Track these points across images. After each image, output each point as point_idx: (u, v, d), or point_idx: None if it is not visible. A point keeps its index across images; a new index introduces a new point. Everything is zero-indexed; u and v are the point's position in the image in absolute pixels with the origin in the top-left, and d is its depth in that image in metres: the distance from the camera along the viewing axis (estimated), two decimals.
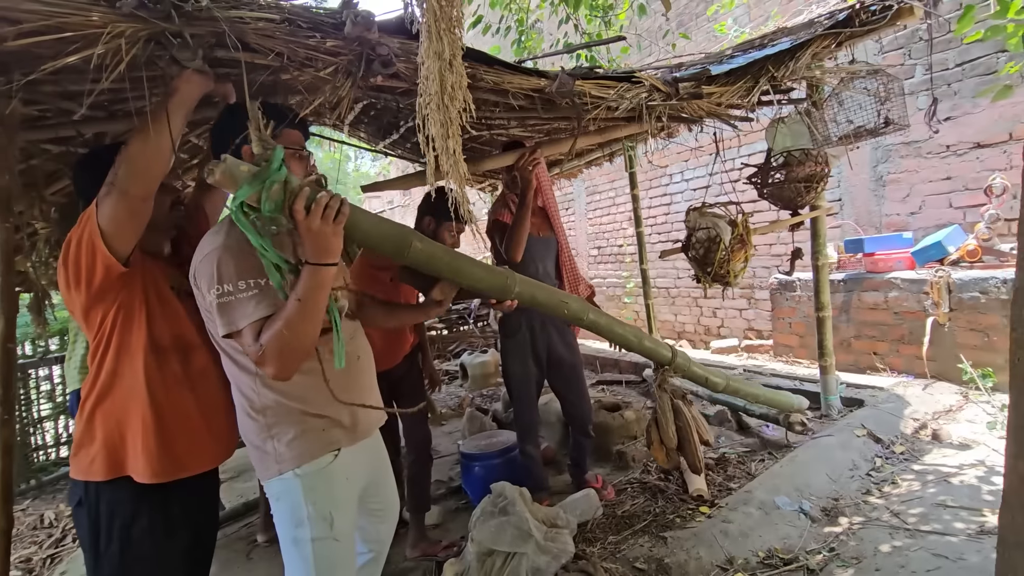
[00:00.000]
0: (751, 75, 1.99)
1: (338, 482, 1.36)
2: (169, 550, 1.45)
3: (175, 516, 1.45)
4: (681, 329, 6.14)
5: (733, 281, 2.59)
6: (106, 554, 1.38)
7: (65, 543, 3.48)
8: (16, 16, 0.99)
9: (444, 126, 1.00)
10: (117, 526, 1.38)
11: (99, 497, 1.39)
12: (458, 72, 0.96)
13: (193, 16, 1.10)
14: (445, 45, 0.94)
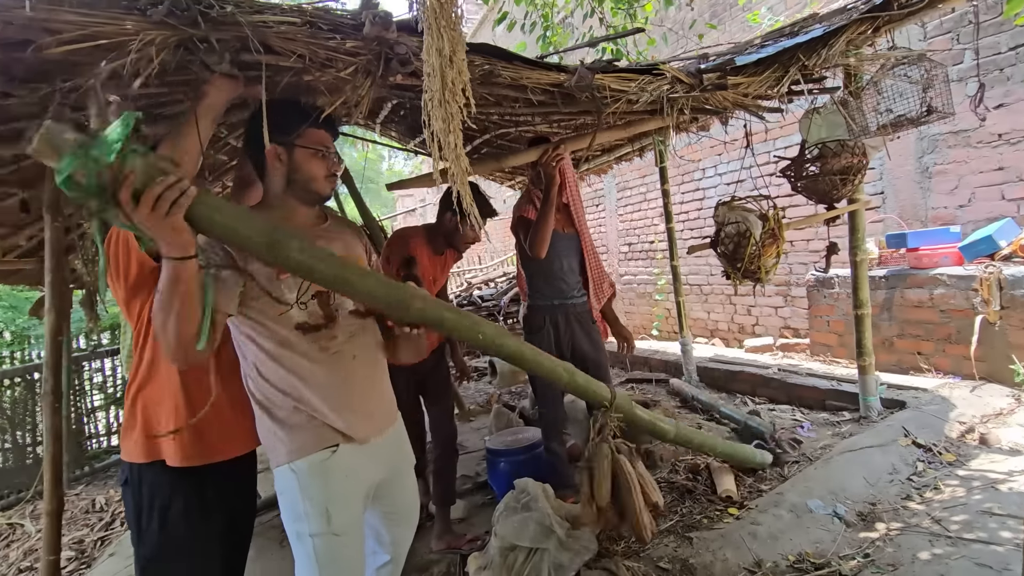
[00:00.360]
0: (781, 64, 1.93)
1: (335, 478, 1.33)
2: (204, 531, 1.52)
3: (210, 499, 1.52)
4: (714, 327, 6.01)
5: (764, 277, 2.52)
6: (147, 531, 1.47)
7: (114, 526, 3.67)
8: (56, 27, 1.05)
9: (446, 121, 1.01)
10: (157, 506, 1.46)
11: (141, 478, 1.48)
12: (458, 68, 0.97)
13: (218, 21, 1.14)
14: (445, 41, 0.95)
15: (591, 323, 2.69)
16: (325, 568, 1.31)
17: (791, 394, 3.76)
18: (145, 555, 1.49)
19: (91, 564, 3.20)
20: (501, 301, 7.59)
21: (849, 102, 2.52)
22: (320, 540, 1.31)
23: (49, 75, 1.24)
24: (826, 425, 3.27)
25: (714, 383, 4.43)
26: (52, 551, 1.88)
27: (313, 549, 1.31)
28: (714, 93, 1.79)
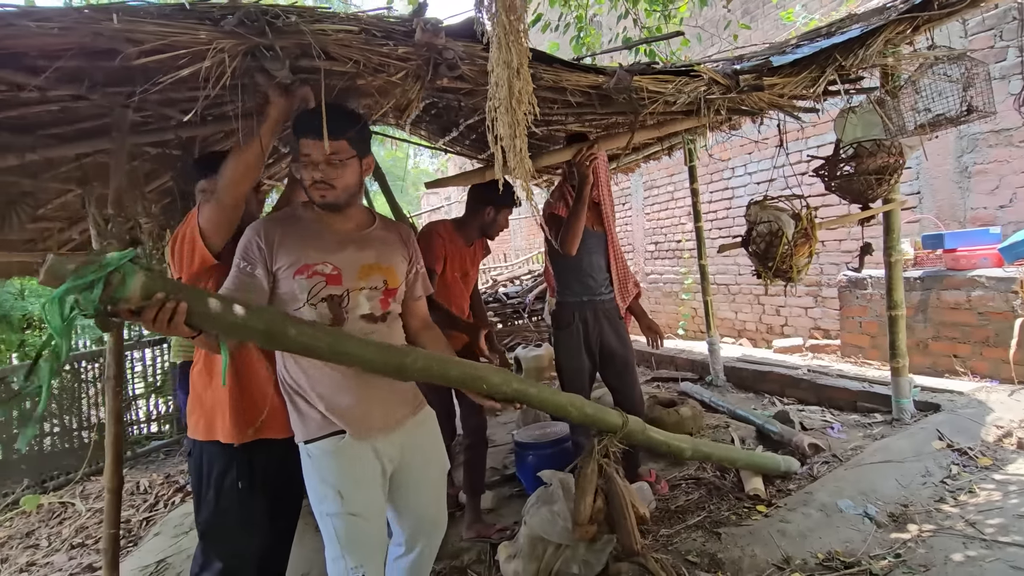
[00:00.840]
0: (817, 65, 1.93)
1: (344, 462, 1.40)
2: (252, 504, 1.66)
3: (256, 475, 1.66)
4: (741, 327, 5.96)
5: (796, 277, 2.52)
6: (205, 499, 1.65)
7: (158, 508, 3.85)
8: (139, 37, 1.14)
9: (512, 127, 1.07)
10: (213, 477, 1.63)
11: (202, 452, 1.65)
12: (524, 79, 1.03)
13: (283, 31, 1.22)
14: (513, 55, 1.01)
15: (619, 319, 2.72)
16: (347, 547, 1.39)
17: (821, 395, 3.73)
18: (204, 519, 1.65)
19: (137, 542, 3.37)
20: (526, 299, 7.64)
21: (886, 101, 2.50)
22: (339, 520, 1.38)
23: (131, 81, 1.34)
24: (857, 427, 3.24)
25: (742, 383, 4.41)
26: (113, 525, 2.01)
27: (334, 528, 1.38)
28: (750, 94, 1.81)
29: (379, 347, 1.34)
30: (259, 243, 1.38)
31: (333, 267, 1.41)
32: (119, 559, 2.06)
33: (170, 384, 5.97)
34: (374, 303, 1.47)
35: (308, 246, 1.41)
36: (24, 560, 3.36)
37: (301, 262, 1.39)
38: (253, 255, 1.38)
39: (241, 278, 1.37)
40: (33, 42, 1.08)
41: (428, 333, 1.68)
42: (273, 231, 1.41)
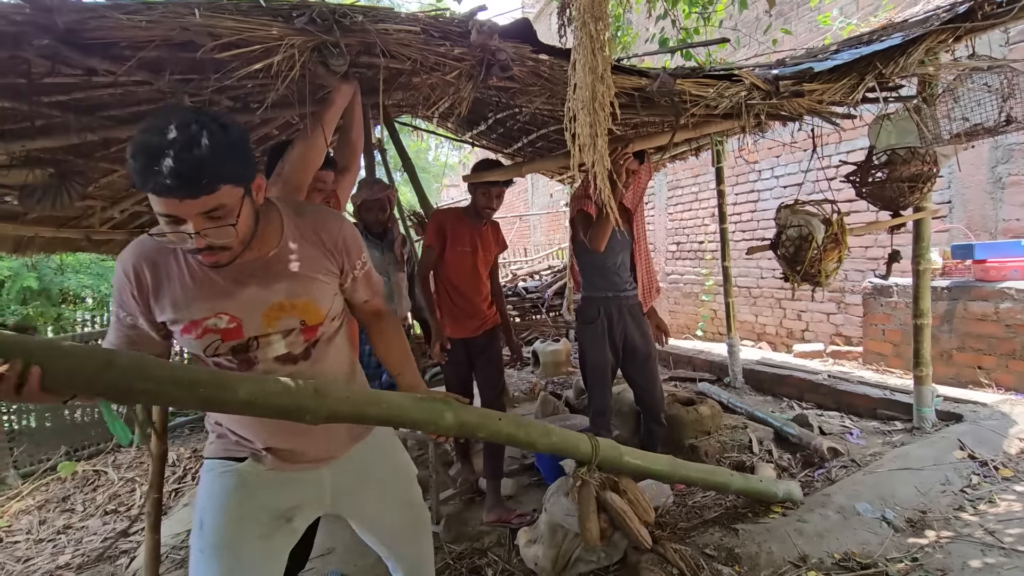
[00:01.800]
0: (857, 72, 1.95)
1: (223, 490, 1.18)
2: None
3: None
4: (761, 330, 5.95)
5: (824, 281, 2.54)
6: None
7: (186, 480, 4.00)
8: (218, 32, 1.22)
9: (593, 127, 1.13)
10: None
11: None
12: (607, 84, 1.09)
13: (349, 29, 1.29)
14: (599, 62, 1.07)
15: (642, 316, 2.77)
16: None
17: (840, 401, 3.74)
18: None
19: (167, 512, 3.50)
20: (545, 294, 7.70)
21: (923, 109, 2.50)
22: (192, 550, 1.18)
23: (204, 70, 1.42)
24: (876, 434, 3.25)
25: (760, 386, 4.43)
26: (156, 490, 2.12)
27: (191, 556, 1.19)
28: (790, 100, 1.83)
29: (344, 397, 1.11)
30: (130, 289, 1.07)
31: (229, 318, 1.09)
32: (160, 523, 2.17)
33: None
34: (292, 340, 1.16)
35: (192, 296, 1.07)
36: (61, 523, 3.53)
37: (185, 319, 1.07)
38: (128, 303, 1.07)
39: (122, 331, 1.09)
40: (123, 33, 1.16)
41: (377, 326, 1.40)
42: (142, 273, 1.06)
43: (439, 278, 2.76)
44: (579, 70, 1.07)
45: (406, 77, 1.48)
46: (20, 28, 1.07)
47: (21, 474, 4.52)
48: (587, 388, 2.87)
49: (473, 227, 2.75)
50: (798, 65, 1.94)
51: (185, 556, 2.78)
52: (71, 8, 1.10)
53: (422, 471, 3.32)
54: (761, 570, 2.08)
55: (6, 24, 1.05)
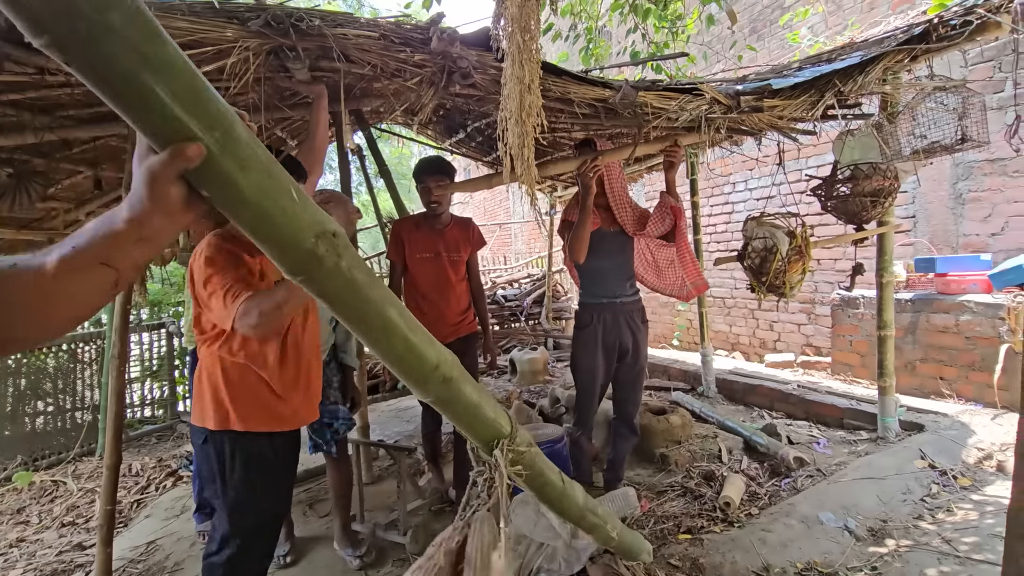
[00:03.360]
0: (817, 89, 2.00)
1: None
2: (273, 484, 1.75)
3: (279, 453, 1.75)
4: (735, 340, 6.02)
5: (788, 292, 2.58)
6: (230, 481, 1.66)
7: (149, 490, 3.88)
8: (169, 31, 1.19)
9: (521, 137, 1.13)
10: (238, 461, 1.65)
11: (222, 441, 1.66)
12: (535, 93, 1.09)
13: (306, 33, 1.28)
14: (526, 72, 1.07)
15: (640, 321, 2.71)
16: None
17: (809, 410, 3.79)
18: (231, 502, 1.68)
19: (128, 524, 3.39)
20: (524, 302, 7.70)
21: (884, 126, 2.57)
22: None
23: None
24: (843, 443, 3.30)
25: (732, 395, 4.47)
26: (109, 501, 2.05)
27: None
28: (750, 115, 1.87)
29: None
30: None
31: None
32: (113, 536, 2.10)
33: (166, 370, 6.01)
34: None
35: None
36: (14, 536, 3.39)
37: None
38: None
39: None
40: None
41: None
42: None
43: (407, 287, 2.73)
44: (508, 80, 1.08)
45: (367, 83, 1.47)
46: None
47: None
48: (577, 394, 2.79)
49: (432, 230, 2.68)
50: (760, 81, 1.98)
51: (141, 571, 2.69)
52: None
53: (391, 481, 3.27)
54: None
55: None
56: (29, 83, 1.68)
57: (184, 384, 6.01)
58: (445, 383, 0.94)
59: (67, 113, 2.15)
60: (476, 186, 2.15)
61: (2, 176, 2.61)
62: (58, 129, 2.15)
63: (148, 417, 5.84)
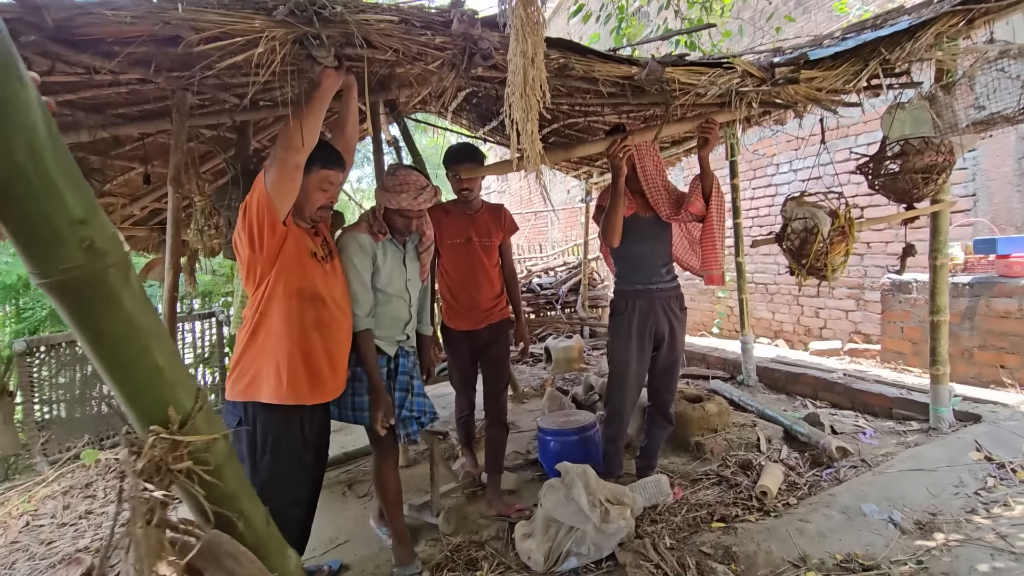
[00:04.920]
0: (860, 58, 1.89)
1: None
2: (304, 462, 1.84)
3: (306, 437, 1.82)
4: (779, 328, 5.83)
5: (830, 275, 2.47)
6: (261, 463, 1.75)
7: None
8: (200, 25, 1.25)
9: (525, 111, 1.12)
10: (269, 442, 1.74)
11: (255, 418, 1.74)
12: (538, 67, 1.08)
13: (329, 20, 1.30)
14: (529, 45, 1.06)
15: (678, 309, 2.65)
16: None
17: (855, 400, 3.64)
18: (262, 480, 1.76)
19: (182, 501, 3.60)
20: (559, 290, 7.67)
21: (938, 97, 2.41)
22: None
23: (190, 65, 1.46)
24: (891, 434, 3.15)
25: (774, 384, 4.34)
26: None
27: None
28: (784, 87, 1.79)
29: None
30: None
31: None
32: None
33: (216, 357, 6.31)
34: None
35: None
36: (83, 508, 3.66)
37: None
38: None
39: None
40: (109, 29, 1.19)
41: None
42: None
43: (439, 273, 2.76)
44: (513, 54, 1.07)
45: (390, 68, 1.48)
46: (10, 26, 1.11)
47: (49, 461, 4.71)
48: (608, 383, 2.75)
49: (464, 216, 2.68)
50: (796, 51, 1.88)
51: None
52: (60, 6, 1.14)
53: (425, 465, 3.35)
54: (759, 569, 2.04)
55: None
56: (79, 83, 1.78)
57: None
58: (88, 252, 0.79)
59: (117, 111, 2.27)
60: (502, 169, 2.15)
61: None
62: (110, 127, 2.27)
63: None
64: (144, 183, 2.85)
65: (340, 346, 1.89)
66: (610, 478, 2.65)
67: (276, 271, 1.72)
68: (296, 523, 1.91)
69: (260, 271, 1.72)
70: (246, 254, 1.71)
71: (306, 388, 1.76)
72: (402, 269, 2.16)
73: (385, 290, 2.11)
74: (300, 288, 1.74)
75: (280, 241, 1.69)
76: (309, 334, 1.77)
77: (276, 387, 1.73)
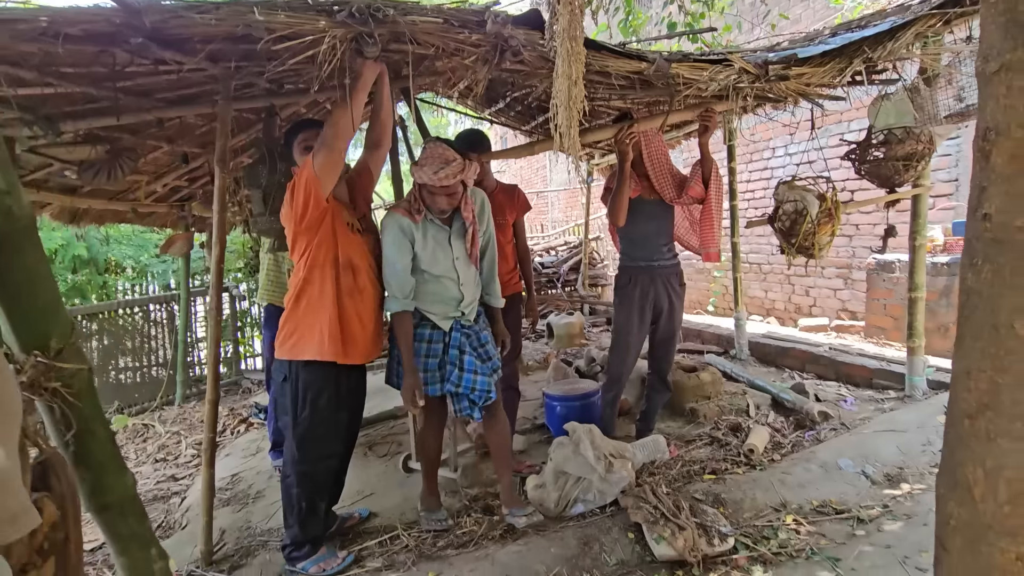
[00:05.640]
0: (847, 55, 2.08)
1: None
2: (338, 419, 2.06)
3: (342, 395, 2.05)
4: (771, 306, 6.09)
5: (818, 254, 2.70)
6: (300, 417, 1.98)
7: (225, 435, 4.35)
8: (272, 26, 1.44)
9: (568, 120, 1.34)
10: (309, 398, 1.96)
11: (298, 375, 1.96)
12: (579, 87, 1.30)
13: (381, 21, 1.49)
14: (573, 71, 1.27)
15: (677, 285, 2.86)
16: None
17: (839, 371, 3.91)
18: (299, 434, 2.00)
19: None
20: (561, 269, 7.89)
21: (920, 90, 2.61)
22: None
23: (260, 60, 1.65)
24: (870, 401, 3.42)
25: (765, 358, 4.60)
26: (211, 430, 2.41)
27: None
28: (777, 83, 1.98)
29: None
30: None
31: None
32: (215, 459, 2.47)
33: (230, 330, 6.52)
34: None
35: None
36: None
37: None
38: None
39: None
40: (196, 30, 1.38)
41: None
42: None
43: None
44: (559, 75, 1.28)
45: (429, 61, 1.68)
46: (117, 29, 1.29)
47: None
48: (610, 351, 2.97)
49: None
50: (788, 50, 2.08)
51: (228, 497, 3.11)
52: (156, 10, 1.32)
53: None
54: (744, 512, 2.31)
55: (106, 26, 1.28)
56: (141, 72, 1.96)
57: (246, 344, 6.53)
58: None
59: (161, 95, 2.44)
60: (519, 153, 2.35)
61: (101, 152, 2.96)
62: (154, 110, 2.45)
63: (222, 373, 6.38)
64: (182, 162, 3.02)
65: (372, 312, 2.10)
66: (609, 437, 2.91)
67: (317, 242, 1.94)
68: (329, 472, 2.15)
69: (304, 242, 1.94)
70: (292, 227, 1.93)
71: (341, 348, 1.98)
72: (447, 249, 2.13)
73: (430, 271, 2.11)
74: (336, 257, 1.96)
75: (323, 215, 1.90)
76: (344, 300, 1.99)
77: (316, 347, 1.95)
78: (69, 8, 1.33)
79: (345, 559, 2.19)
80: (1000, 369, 0.78)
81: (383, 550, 2.30)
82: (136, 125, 2.80)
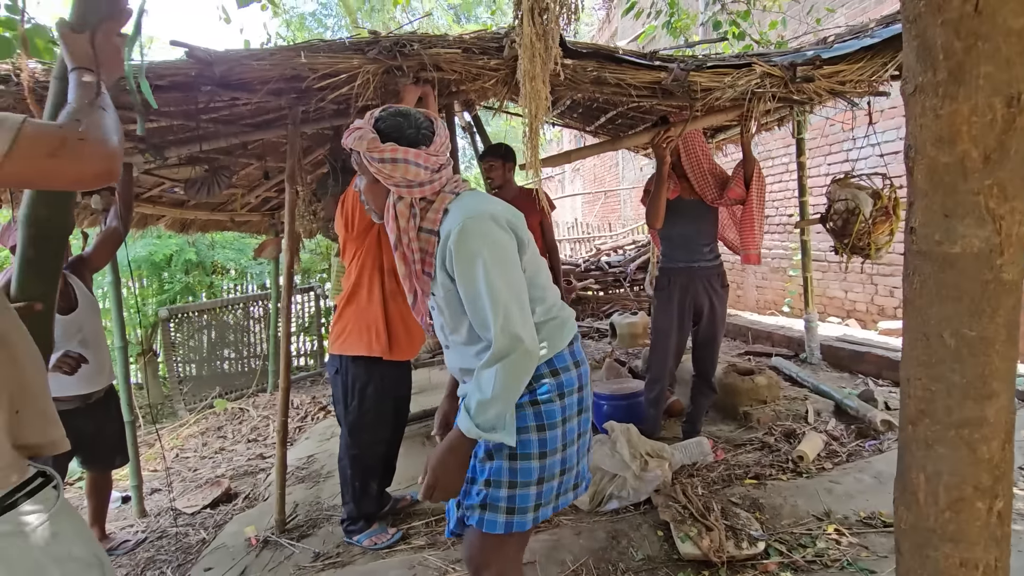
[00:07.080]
0: (893, 49, 1.98)
1: None
2: (384, 409, 2.29)
3: (387, 388, 2.27)
4: (851, 307, 5.69)
5: (874, 254, 2.57)
6: (350, 406, 2.22)
7: (306, 420, 4.82)
8: (315, 67, 1.66)
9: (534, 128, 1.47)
10: (357, 388, 2.20)
11: (348, 369, 2.21)
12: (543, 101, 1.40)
13: (408, 55, 1.68)
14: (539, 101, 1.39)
15: (719, 287, 2.82)
16: None
17: None
18: (350, 422, 2.25)
19: (292, 443, 4.29)
20: (628, 268, 7.83)
21: None
22: None
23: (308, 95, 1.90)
24: None
25: (838, 362, 4.35)
26: (284, 414, 2.74)
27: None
28: (803, 85, 1.93)
29: None
30: None
31: None
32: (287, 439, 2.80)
33: (315, 326, 7.15)
34: None
35: None
36: (218, 446, 4.47)
37: None
38: None
39: None
40: (255, 74, 1.64)
41: None
42: None
43: None
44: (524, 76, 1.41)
45: (455, 85, 1.84)
46: (193, 79, 1.58)
47: (187, 408, 5.71)
48: (651, 355, 3.00)
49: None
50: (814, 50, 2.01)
51: (304, 475, 3.48)
52: (222, 61, 1.59)
53: None
54: (783, 519, 2.27)
55: (185, 77, 1.57)
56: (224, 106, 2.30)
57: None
58: None
59: (245, 122, 2.81)
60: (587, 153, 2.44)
61: (201, 171, 3.43)
62: (240, 134, 2.82)
63: (302, 366, 7.03)
64: (264, 178, 3.42)
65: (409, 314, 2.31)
66: (651, 438, 2.93)
67: (365, 249, 2.16)
68: (377, 457, 2.39)
69: (354, 249, 2.18)
70: (343, 235, 2.17)
71: (387, 346, 2.20)
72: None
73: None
74: (382, 264, 2.18)
75: (369, 226, 2.13)
76: (389, 303, 2.21)
77: (364, 344, 2.19)
78: (159, 62, 1.63)
79: (394, 535, 2.42)
80: (933, 378, 0.80)
81: (428, 530, 2.51)
82: (228, 147, 3.22)
